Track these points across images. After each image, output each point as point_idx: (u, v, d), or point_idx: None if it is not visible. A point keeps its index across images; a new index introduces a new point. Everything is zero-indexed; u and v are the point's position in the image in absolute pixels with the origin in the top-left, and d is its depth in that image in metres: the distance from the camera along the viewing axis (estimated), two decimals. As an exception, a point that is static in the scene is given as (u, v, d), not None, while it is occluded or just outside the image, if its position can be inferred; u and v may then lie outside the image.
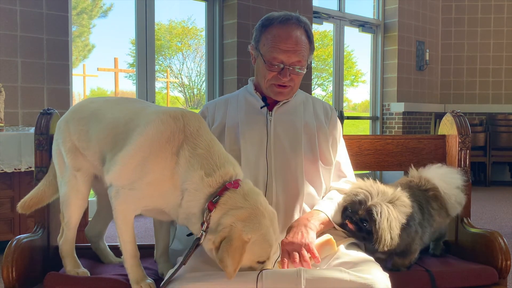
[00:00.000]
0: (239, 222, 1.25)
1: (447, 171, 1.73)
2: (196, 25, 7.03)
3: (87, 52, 6.95)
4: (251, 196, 1.31)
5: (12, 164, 2.98)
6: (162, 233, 1.59)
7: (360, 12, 6.84)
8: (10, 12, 3.71)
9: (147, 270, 1.51)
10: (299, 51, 1.59)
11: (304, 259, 1.39)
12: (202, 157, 1.33)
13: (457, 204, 1.69)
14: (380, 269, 1.36)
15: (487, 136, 6.66)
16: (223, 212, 1.27)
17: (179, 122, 1.36)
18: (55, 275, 1.49)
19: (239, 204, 1.28)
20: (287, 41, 1.57)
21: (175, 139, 1.34)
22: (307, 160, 1.60)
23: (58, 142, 1.55)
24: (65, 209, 1.53)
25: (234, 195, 1.30)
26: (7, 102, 3.58)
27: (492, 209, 5.09)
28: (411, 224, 1.52)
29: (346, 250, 1.46)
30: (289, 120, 1.65)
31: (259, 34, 1.64)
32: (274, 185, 1.55)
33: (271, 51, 1.58)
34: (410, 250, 1.57)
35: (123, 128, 1.42)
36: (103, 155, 1.45)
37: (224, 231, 1.24)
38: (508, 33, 7.24)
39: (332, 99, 6.63)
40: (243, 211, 1.27)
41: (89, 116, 1.51)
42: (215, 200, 1.28)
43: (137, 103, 1.54)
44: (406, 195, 1.56)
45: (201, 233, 1.27)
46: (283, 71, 1.58)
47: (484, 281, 1.60)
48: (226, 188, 1.30)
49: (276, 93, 1.63)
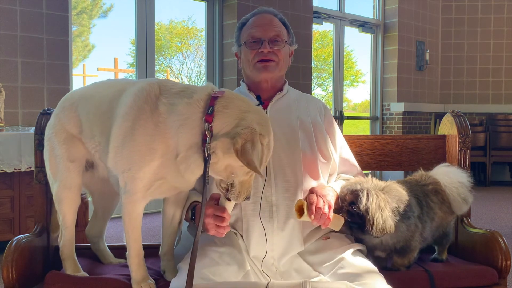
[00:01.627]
0: (256, 125, 1.29)
1: (452, 169, 1.72)
2: (196, 25, 7.03)
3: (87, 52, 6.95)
4: (246, 99, 1.37)
5: (12, 164, 2.98)
6: (170, 229, 1.58)
7: (360, 12, 6.85)
8: (10, 12, 3.70)
9: (148, 269, 1.51)
10: (274, 26, 1.67)
11: (325, 212, 1.45)
12: (179, 92, 1.36)
13: (461, 200, 1.65)
14: (384, 282, 1.36)
15: (487, 136, 6.66)
16: (234, 116, 1.29)
17: (154, 85, 1.39)
18: (56, 274, 1.49)
19: (244, 108, 1.32)
20: (261, 20, 1.68)
21: (152, 97, 1.36)
22: (305, 155, 1.60)
23: (51, 137, 1.54)
24: (59, 206, 1.53)
25: (229, 99, 1.33)
26: (7, 102, 3.58)
27: (492, 209, 5.09)
28: (409, 215, 1.52)
29: (351, 259, 1.46)
30: (284, 117, 1.65)
31: (239, 34, 1.73)
32: (273, 182, 1.55)
33: (248, 33, 1.67)
34: (410, 247, 1.57)
35: (107, 106, 1.43)
36: (96, 138, 1.46)
37: (246, 133, 1.26)
38: (508, 33, 7.24)
39: (332, 99, 6.63)
40: (254, 115, 1.31)
41: (78, 100, 1.53)
42: (210, 111, 1.30)
43: (125, 81, 1.53)
44: (400, 186, 1.56)
45: (207, 148, 1.28)
46: (263, 44, 1.64)
47: (484, 281, 1.60)
48: (214, 97, 1.32)
49: (261, 69, 1.65)
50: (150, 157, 1.33)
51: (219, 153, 1.28)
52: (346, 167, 1.76)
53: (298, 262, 1.52)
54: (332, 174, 1.70)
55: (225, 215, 1.40)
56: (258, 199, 1.52)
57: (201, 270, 1.36)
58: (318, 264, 1.48)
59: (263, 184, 1.54)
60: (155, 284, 1.47)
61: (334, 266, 1.44)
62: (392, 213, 1.47)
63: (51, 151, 1.54)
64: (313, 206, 1.44)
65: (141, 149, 1.33)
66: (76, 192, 1.54)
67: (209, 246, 1.48)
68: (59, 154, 1.51)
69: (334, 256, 1.46)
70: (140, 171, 1.34)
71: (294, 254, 1.53)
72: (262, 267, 1.50)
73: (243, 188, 1.35)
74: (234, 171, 1.32)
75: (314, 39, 6.51)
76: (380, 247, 1.58)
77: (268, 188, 1.54)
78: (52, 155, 1.53)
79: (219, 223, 1.40)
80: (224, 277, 1.36)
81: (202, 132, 1.30)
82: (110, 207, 1.76)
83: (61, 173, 1.51)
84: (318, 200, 1.46)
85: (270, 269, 1.51)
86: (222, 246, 1.48)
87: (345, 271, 1.40)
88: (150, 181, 1.36)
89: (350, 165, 1.77)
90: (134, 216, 1.41)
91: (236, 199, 1.36)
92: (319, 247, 1.54)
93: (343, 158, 1.75)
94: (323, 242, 1.56)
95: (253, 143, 1.26)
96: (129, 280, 1.46)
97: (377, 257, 1.60)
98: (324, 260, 1.47)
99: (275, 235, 1.51)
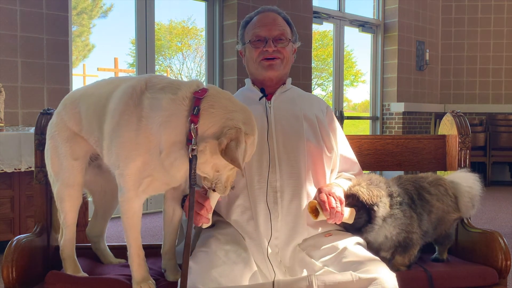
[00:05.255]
0: (241, 124, 1.30)
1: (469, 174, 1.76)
2: (196, 25, 7.02)
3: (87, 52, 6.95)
4: (232, 97, 1.38)
5: (12, 164, 2.98)
6: (171, 228, 1.58)
7: (360, 12, 6.85)
8: (10, 12, 3.70)
9: (149, 269, 1.51)
10: (278, 25, 1.69)
11: (339, 211, 1.48)
12: (164, 87, 1.36)
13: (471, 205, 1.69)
14: (387, 268, 1.38)
15: (487, 136, 6.66)
16: (220, 116, 1.30)
17: (142, 81, 1.39)
18: (56, 274, 1.49)
19: (230, 107, 1.33)
20: (265, 19, 1.70)
21: (137, 92, 1.36)
22: (309, 143, 1.62)
23: (54, 135, 1.54)
24: (61, 204, 1.53)
25: (215, 98, 1.33)
26: (7, 102, 3.58)
27: (492, 209, 5.09)
28: (399, 201, 1.57)
29: (354, 248, 1.47)
30: (288, 108, 1.68)
31: (243, 32, 1.76)
32: (277, 168, 1.56)
33: (252, 32, 1.70)
34: (412, 241, 1.58)
35: (104, 102, 1.43)
36: (95, 134, 1.46)
37: (231, 133, 1.28)
38: (508, 33, 7.24)
39: (332, 99, 6.63)
40: (240, 114, 1.32)
41: (79, 98, 1.53)
42: (195, 111, 1.30)
43: (122, 78, 1.53)
44: (379, 176, 1.63)
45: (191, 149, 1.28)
46: (267, 43, 1.66)
47: (484, 281, 1.60)
48: (199, 98, 1.32)
49: (266, 67, 1.68)
50: (135, 153, 1.33)
51: (208, 154, 1.29)
52: (348, 165, 1.77)
53: (301, 257, 1.52)
54: (333, 170, 1.71)
55: (206, 203, 1.43)
56: (264, 185, 1.54)
57: (210, 271, 1.36)
58: (321, 257, 1.49)
59: (268, 170, 1.55)
60: (156, 284, 1.47)
61: (337, 257, 1.45)
62: (366, 185, 1.55)
63: (54, 149, 1.53)
64: (326, 204, 1.47)
65: (126, 145, 1.33)
66: (78, 190, 1.54)
67: (215, 243, 1.49)
68: (63, 152, 1.51)
69: (336, 248, 1.48)
70: (126, 168, 1.34)
71: (298, 249, 1.54)
72: (268, 255, 1.51)
73: (228, 182, 1.38)
74: (219, 170, 1.34)
75: (314, 39, 6.51)
76: (385, 245, 1.59)
77: (273, 174, 1.56)
78: (55, 153, 1.53)
79: (197, 210, 1.43)
80: (230, 278, 1.36)
81: (187, 131, 1.30)
82: (111, 207, 1.76)
83: (64, 171, 1.51)
84: (329, 198, 1.49)
85: (275, 259, 1.52)
86: (227, 243, 1.49)
87: (348, 260, 1.41)
88: (138, 178, 1.36)
89: (352, 163, 1.79)
90: (131, 215, 1.40)
91: (223, 193, 1.40)
92: (321, 241, 1.55)
93: (344, 156, 1.76)
94: (325, 237, 1.57)
95: (238, 142, 1.28)
96: (130, 280, 1.46)
97: (382, 258, 1.61)
98: (327, 253, 1.48)
99: (279, 221, 1.52)
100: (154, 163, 1.34)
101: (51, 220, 1.69)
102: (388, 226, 1.55)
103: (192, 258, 1.43)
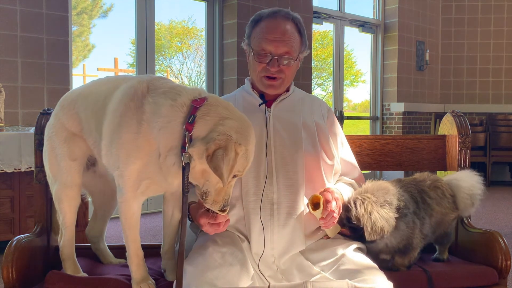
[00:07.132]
0: (233, 133, 1.27)
1: (471, 173, 1.75)
2: (196, 25, 7.02)
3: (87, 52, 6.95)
4: (230, 107, 1.34)
5: (12, 164, 2.98)
6: (170, 228, 1.58)
7: (360, 12, 6.85)
8: (10, 12, 3.70)
9: (148, 269, 1.51)
10: (287, 41, 1.60)
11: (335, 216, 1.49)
12: (165, 92, 1.34)
13: (470, 202, 1.68)
14: (385, 277, 1.37)
15: (487, 136, 6.66)
16: (213, 123, 1.27)
17: (143, 83, 1.38)
18: (56, 273, 1.49)
19: (225, 115, 1.30)
20: (274, 31, 1.60)
21: (138, 95, 1.35)
22: (308, 155, 1.60)
23: (51, 137, 1.54)
24: (59, 205, 1.53)
25: (212, 107, 1.31)
26: (7, 102, 3.58)
27: (492, 209, 5.09)
28: (405, 212, 1.54)
29: (352, 255, 1.47)
30: (287, 117, 1.66)
31: (251, 30, 1.68)
32: (275, 180, 1.55)
33: (259, 43, 1.62)
34: (412, 245, 1.57)
35: (102, 102, 1.43)
36: (94, 134, 1.46)
37: (220, 140, 1.25)
38: (508, 33, 7.24)
39: (332, 99, 6.63)
40: (234, 122, 1.29)
41: (77, 98, 1.53)
42: (191, 120, 1.28)
43: (121, 78, 1.53)
44: (389, 183, 1.60)
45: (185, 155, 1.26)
46: (271, 61, 1.60)
47: (484, 281, 1.60)
48: (196, 107, 1.30)
49: (267, 86, 1.65)
50: (135, 155, 1.33)
51: (196, 158, 1.27)
52: (348, 169, 1.77)
53: (299, 260, 1.52)
54: (336, 173, 1.71)
55: (218, 220, 1.40)
56: (260, 197, 1.53)
57: (205, 274, 1.36)
58: (319, 262, 1.48)
59: (265, 182, 1.54)
60: (156, 284, 1.47)
61: (335, 263, 1.44)
62: (383, 210, 1.50)
63: (52, 150, 1.53)
64: (329, 205, 1.47)
65: (126, 147, 1.33)
66: (77, 191, 1.54)
67: (212, 245, 1.48)
68: (60, 153, 1.51)
69: (335, 253, 1.47)
70: (126, 169, 1.34)
71: (295, 253, 1.53)
72: (260, 265, 1.50)
73: (218, 196, 1.32)
74: (209, 178, 1.31)
75: (314, 39, 6.51)
76: (385, 250, 1.59)
77: (270, 186, 1.54)
78: (53, 154, 1.53)
79: (216, 228, 1.42)
80: (227, 280, 1.36)
81: (183, 136, 1.29)
82: (110, 207, 1.76)
83: (62, 172, 1.51)
84: (332, 202, 1.49)
85: (270, 267, 1.51)
86: (224, 246, 1.48)
87: (346, 268, 1.41)
88: (137, 181, 1.36)
89: (352, 167, 1.78)
90: (129, 215, 1.40)
91: (210, 206, 1.34)
92: (320, 245, 1.55)
93: (344, 160, 1.75)
94: (324, 241, 1.57)
95: (226, 150, 1.24)
96: (129, 280, 1.46)
97: (382, 260, 1.61)
98: (325, 257, 1.48)
99: (275, 233, 1.51)
100: (153, 166, 1.34)
101: (51, 221, 1.69)
102: (390, 237, 1.55)
103: (188, 261, 1.43)
